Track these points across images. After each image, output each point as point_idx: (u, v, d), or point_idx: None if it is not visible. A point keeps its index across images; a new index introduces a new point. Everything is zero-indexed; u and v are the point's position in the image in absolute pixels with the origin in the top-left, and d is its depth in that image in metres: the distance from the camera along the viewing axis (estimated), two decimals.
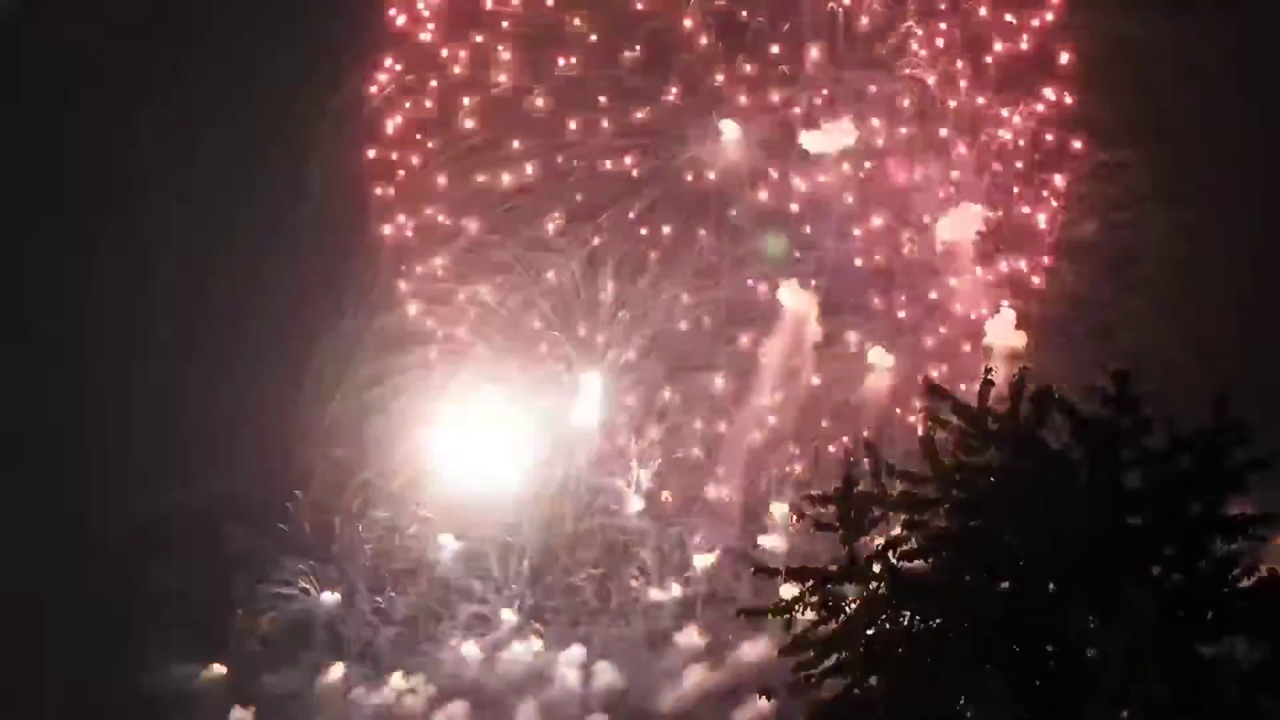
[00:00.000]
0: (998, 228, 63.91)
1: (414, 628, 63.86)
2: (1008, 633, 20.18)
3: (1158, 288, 61.50)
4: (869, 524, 21.32)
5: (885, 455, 21.45)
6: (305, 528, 64.43)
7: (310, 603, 64.70)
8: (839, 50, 64.40)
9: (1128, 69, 60.93)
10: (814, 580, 21.19)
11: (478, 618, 64.36)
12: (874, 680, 20.71)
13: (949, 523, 20.91)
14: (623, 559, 65.24)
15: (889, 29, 64.63)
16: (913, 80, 64.53)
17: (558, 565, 64.55)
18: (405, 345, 64.69)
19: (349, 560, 64.27)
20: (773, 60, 64.26)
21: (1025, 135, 63.94)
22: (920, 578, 20.85)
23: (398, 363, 64.44)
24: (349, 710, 61.44)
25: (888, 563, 20.89)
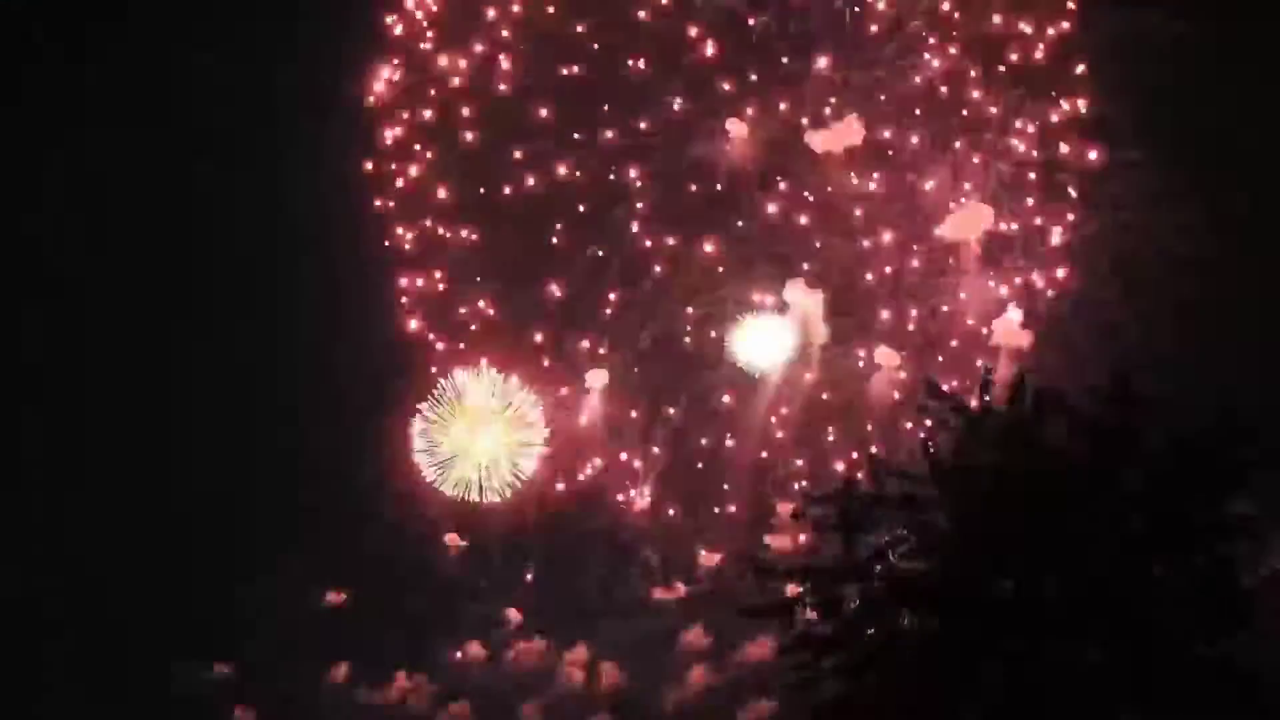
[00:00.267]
0: (1009, 240, 63.89)
1: (419, 628, 63.82)
2: (1007, 633, 20.19)
3: (1163, 288, 61.40)
4: (869, 524, 21.35)
5: (891, 455, 21.51)
6: (313, 528, 64.36)
7: (314, 602, 64.81)
8: (847, 50, 64.36)
9: (1133, 69, 60.83)
10: (814, 580, 21.24)
11: (483, 617, 64.44)
12: (874, 680, 20.74)
13: (949, 523, 20.92)
14: (627, 558, 65.24)
15: (897, 29, 64.54)
16: (921, 80, 64.44)
17: (563, 565, 64.51)
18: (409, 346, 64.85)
19: (354, 560, 64.26)
20: (780, 61, 64.23)
21: (1037, 145, 63.84)
22: (920, 578, 20.86)
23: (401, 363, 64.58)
24: (353, 710, 61.23)
25: (888, 563, 20.91)
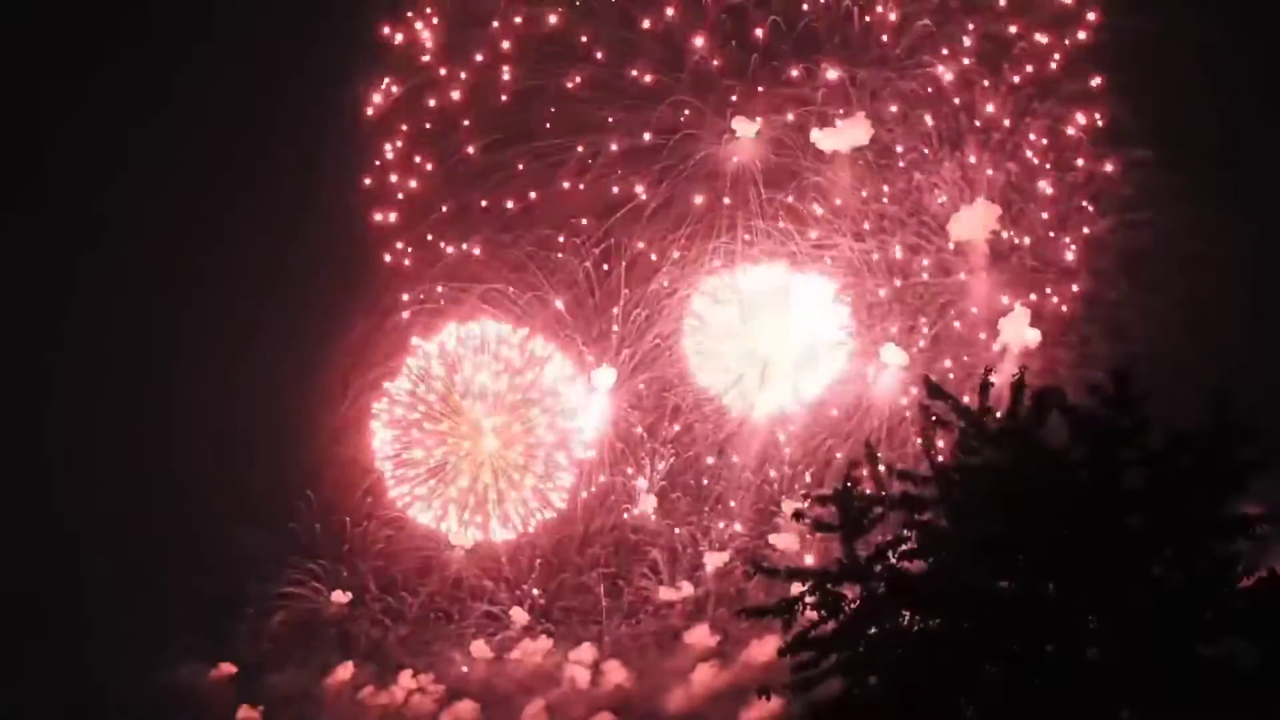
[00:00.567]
0: (1023, 254, 63.83)
1: (424, 627, 63.82)
2: (1007, 633, 20.12)
3: (1172, 287, 61.32)
4: (869, 524, 21.29)
5: (897, 455, 21.45)
6: (316, 528, 64.41)
7: (320, 602, 64.80)
8: (854, 49, 64.31)
9: (1143, 70, 60.72)
10: (814, 580, 21.18)
11: (488, 617, 64.40)
12: (874, 680, 20.67)
13: (949, 523, 20.84)
14: (634, 558, 65.23)
15: (905, 29, 64.45)
16: (928, 80, 64.35)
17: (569, 564, 64.57)
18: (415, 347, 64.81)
19: (360, 559, 64.27)
20: (788, 61, 64.18)
21: (1051, 159, 63.77)
22: (920, 578, 20.79)
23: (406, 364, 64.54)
24: (356, 710, 61.31)
25: (888, 563, 20.84)
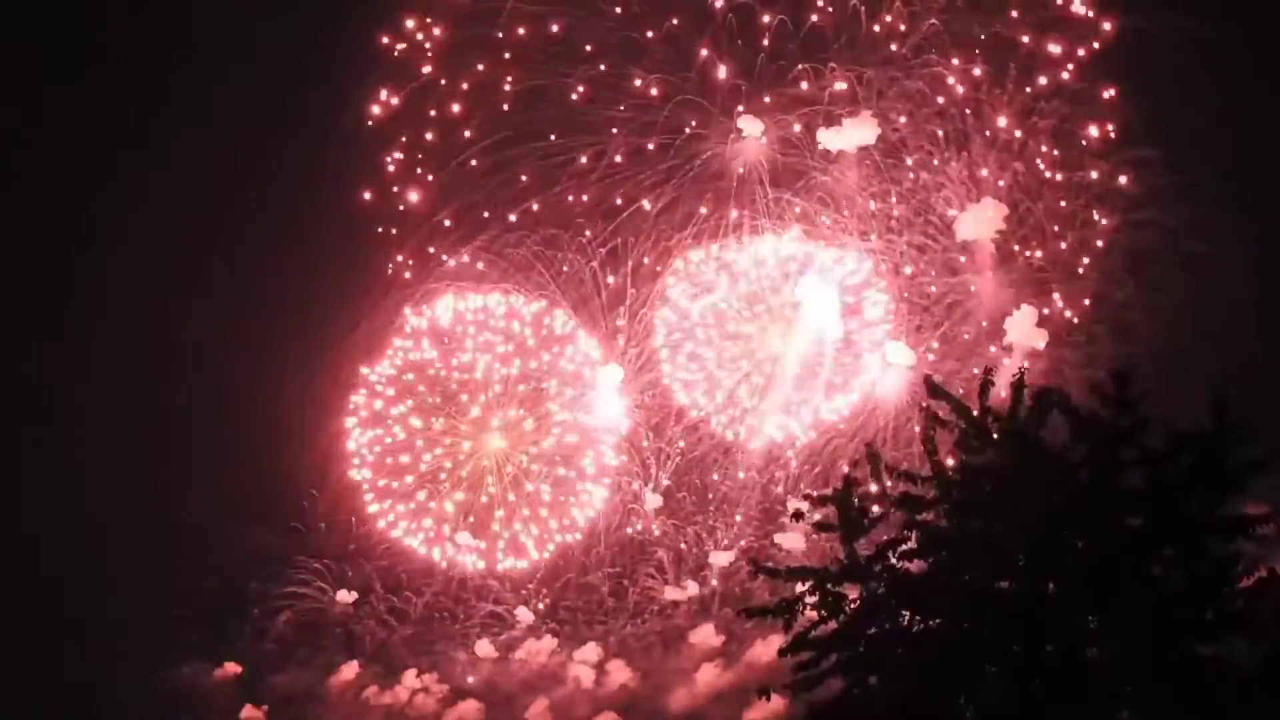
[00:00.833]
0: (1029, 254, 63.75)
1: (429, 626, 63.74)
2: (1008, 633, 20.12)
3: (1178, 287, 61.28)
4: (869, 524, 21.30)
5: (904, 454, 21.46)
6: (321, 527, 64.39)
7: (325, 602, 64.76)
8: (860, 49, 64.27)
9: (1150, 72, 60.70)
10: (814, 580, 21.19)
11: (493, 616, 64.33)
12: (874, 680, 20.68)
13: (949, 523, 20.85)
14: (639, 557, 65.17)
15: (913, 29, 64.40)
16: (935, 80, 64.28)
17: (574, 564, 64.49)
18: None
19: (365, 559, 64.18)
20: (794, 61, 64.14)
21: (1058, 159, 63.66)
22: (920, 578, 20.80)
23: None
24: (360, 709, 61.20)
25: (888, 563, 20.84)
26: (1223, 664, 19.27)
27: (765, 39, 64.36)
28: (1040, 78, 63.46)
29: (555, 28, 64.51)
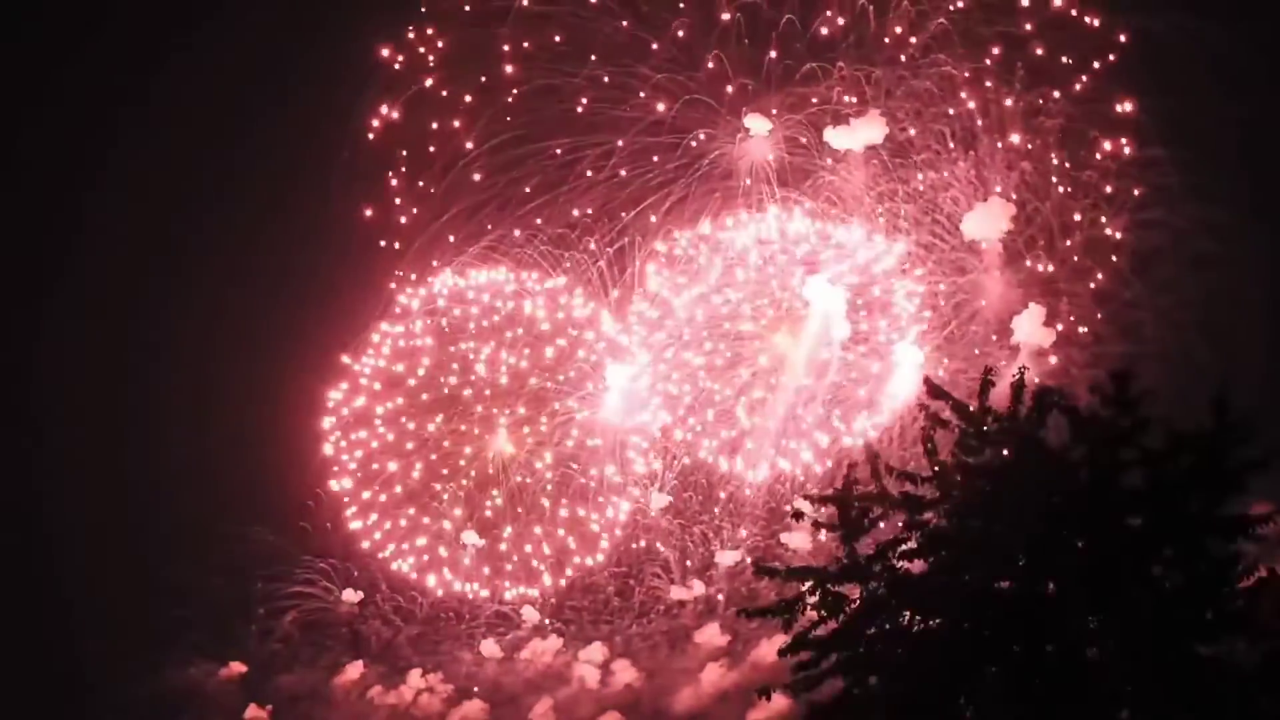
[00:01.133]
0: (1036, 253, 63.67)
1: (435, 626, 63.71)
2: (1008, 633, 20.13)
3: (1185, 287, 61.24)
4: (869, 524, 21.32)
5: (911, 454, 21.47)
6: (328, 526, 64.35)
7: (331, 601, 64.73)
8: (868, 48, 64.25)
9: (1157, 71, 60.66)
10: (815, 580, 21.21)
11: (499, 616, 64.25)
12: (874, 680, 20.70)
13: (949, 523, 20.86)
14: (645, 557, 65.09)
15: (920, 27, 64.34)
16: (943, 79, 64.23)
17: (580, 563, 64.44)
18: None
19: (371, 559, 64.15)
20: (802, 59, 64.12)
21: (1065, 158, 63.55)
22: (920, 578, 20.81)
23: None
24: (365, 709, 61.11)
25: (888, 563, 20.86)
26: (1223, 664, 19.28)
27: (773, 39, 64.36)
28: (1054, 91, 63.22)
29: (560, 33, 64.46)
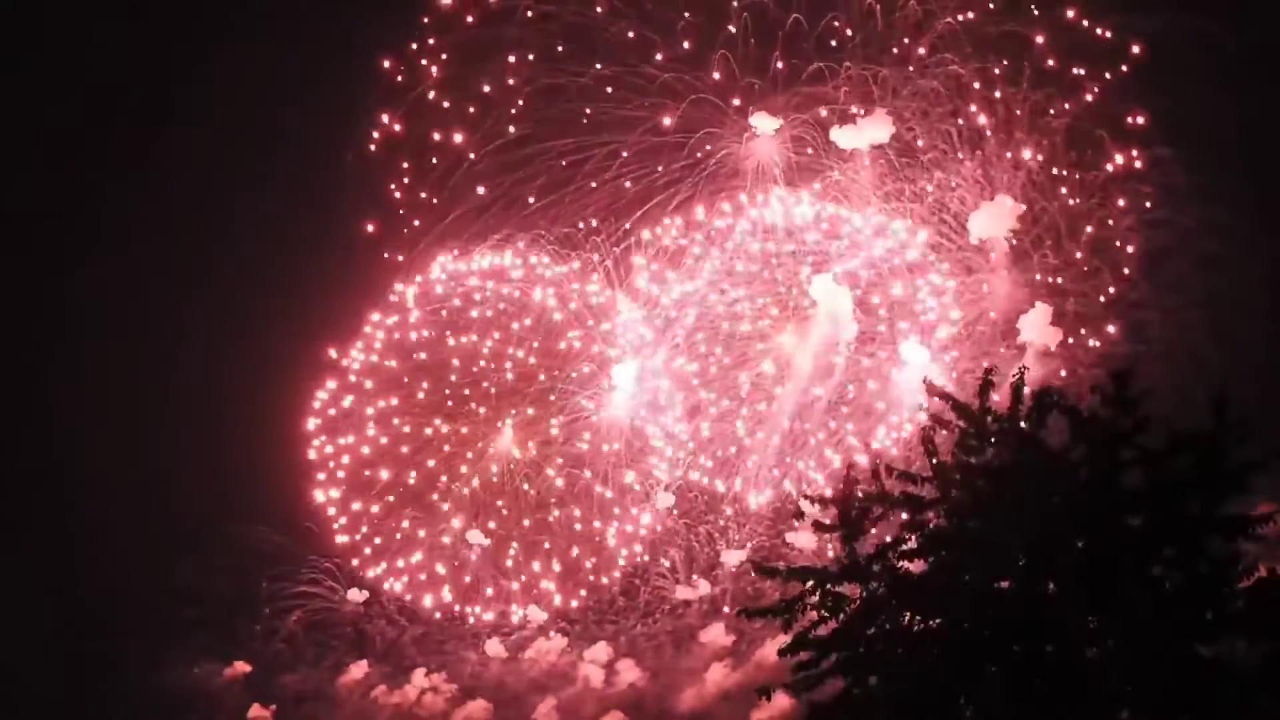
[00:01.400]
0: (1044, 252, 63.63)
1: (440, 626, 63.63)
2: (1008, 633, 20.13)
3: (1192, 287, 61.19)
4: (869, 524, 21.33)
5: (917, 453, 21.45)
6: (334, 526, 64.24)
7: (336, 601, 64.64)
8: (875, 48, 64.20)
9: (1164, 71, 60.60)
10: (814, 580, 21.23)
11: (504, 616, 64.17)
12: (874, 680, 20.71)
13: (949, 523, 20.86)
14: (651, 556, 65.04)
15: (928, 26, 64.27)
16: (950, 77, 64.17)
17: (585, 562, 64.39)
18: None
19: (375, 558, 64.04)
20: (809, 58, 64.07)
21: (1073, 158, 63.48)
22: (920, 578, 20.82)
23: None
24: (368, 709, 60.94)
25: (888, 563, 20.87)
26: (1223, 664, 19.27)
27: (779, 37, 64.34)
28: (1064, 103, 63.12)
29: (565, 35, 64.44)
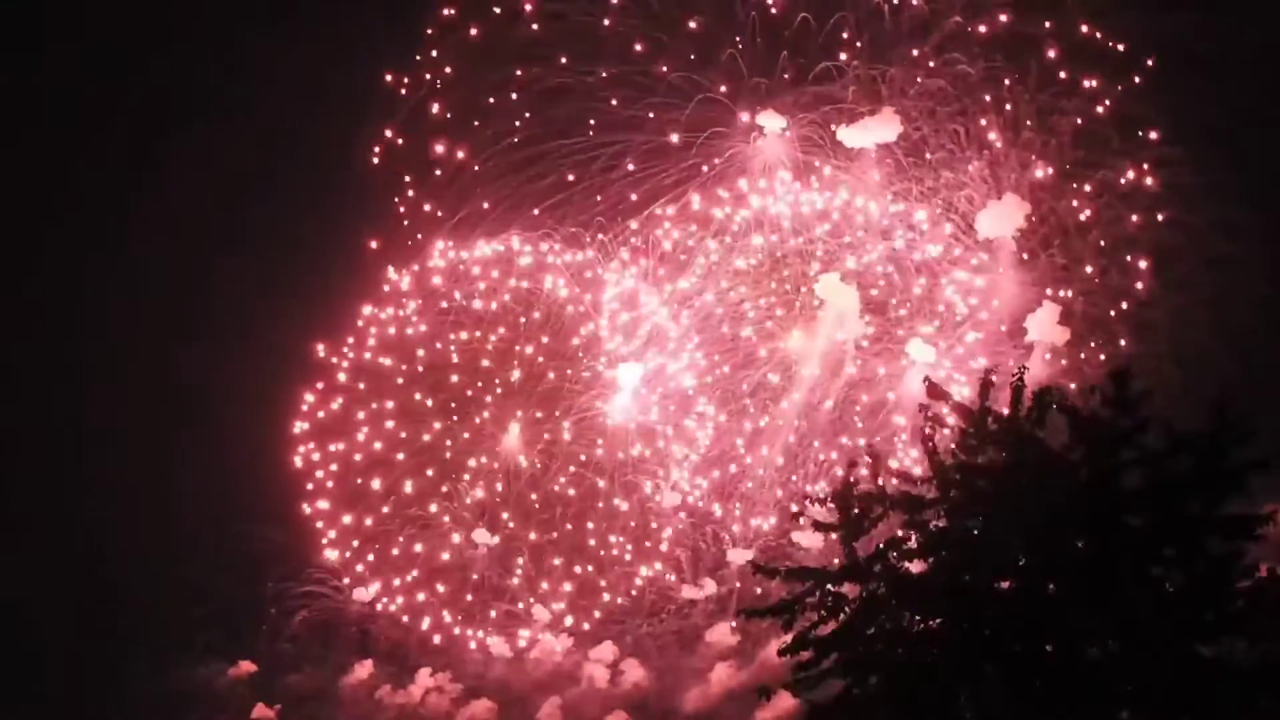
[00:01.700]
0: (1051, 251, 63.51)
1: (445, 625, 63.56)
2: (1007, 633, 20.13)
3: (1200, 286, 61.13)
4: (869, 524, 21.33)
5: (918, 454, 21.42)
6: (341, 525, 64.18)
7: (341, 600, 64.52)
8: (882, 46, 64.14)
9: (1173, 69, 60.52)
10: (814, 580, 21.24)
11: (510, 615, 64.05)
12: (874, 680, 20.71)
13: (949, 523, 20.85)
14: (657, 556, 64.96)
15: (935, 25, 64.19)
16: (957, 77, 64.11)
17: (591, 561, 64.31)
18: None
19: (380, 558, 63.98)
20: (815, 58, 64.03)
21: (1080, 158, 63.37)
22: (920, 578, 20.81)
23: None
24: (373, 708, 60.79)
25: (888, 563, 20.86)
26: (1223, 664, 19.25)
27: (786, 36, 64.31)
28: (1076, 117, 63.04)
29: (572, 34, 64.41)
